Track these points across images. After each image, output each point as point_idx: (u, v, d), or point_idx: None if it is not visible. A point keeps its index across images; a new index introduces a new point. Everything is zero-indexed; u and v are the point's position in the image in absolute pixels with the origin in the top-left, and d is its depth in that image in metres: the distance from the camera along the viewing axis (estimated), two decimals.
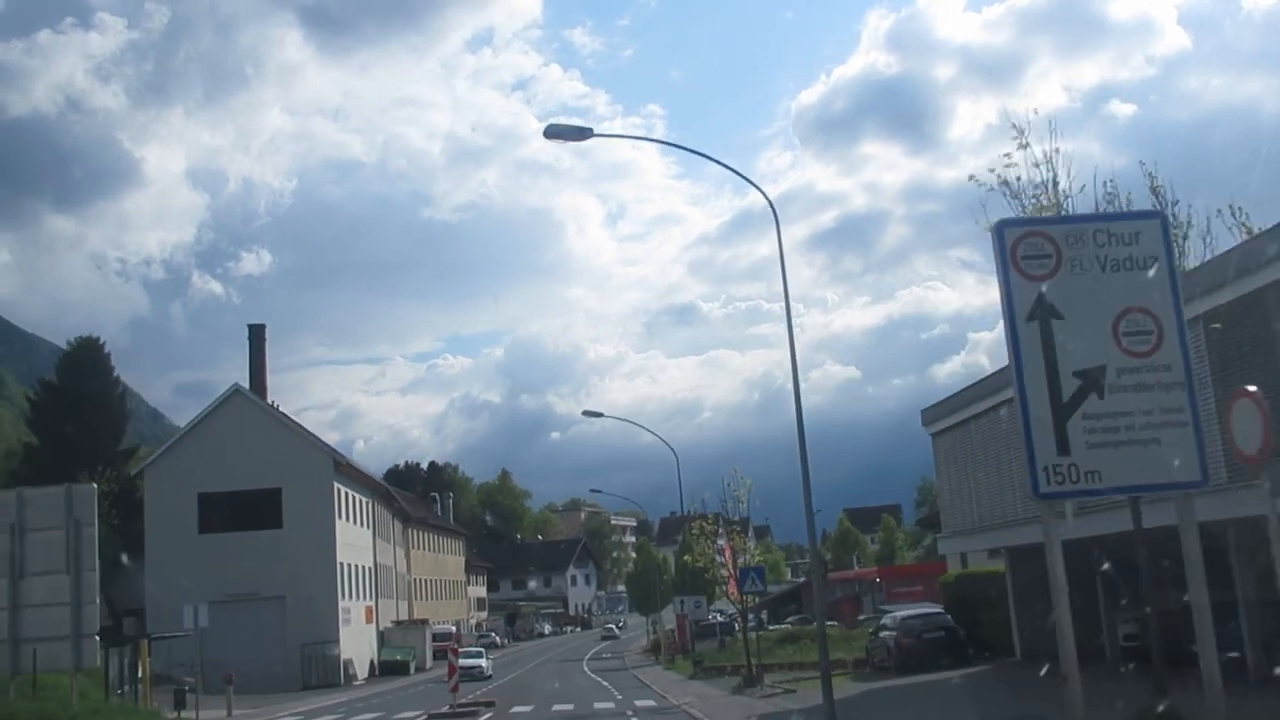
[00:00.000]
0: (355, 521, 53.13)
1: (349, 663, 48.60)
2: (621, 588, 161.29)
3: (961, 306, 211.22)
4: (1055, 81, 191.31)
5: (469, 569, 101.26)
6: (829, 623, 54.68)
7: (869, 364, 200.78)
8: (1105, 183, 16.16)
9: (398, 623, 59.60)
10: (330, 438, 66.64)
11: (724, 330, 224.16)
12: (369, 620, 54.93)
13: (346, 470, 51.14)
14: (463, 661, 34.85)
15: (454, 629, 75.11)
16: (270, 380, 53.70)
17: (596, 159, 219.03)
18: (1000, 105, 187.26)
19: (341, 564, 48.99)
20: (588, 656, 65.51)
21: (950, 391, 27.40)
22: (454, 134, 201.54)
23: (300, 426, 50.61)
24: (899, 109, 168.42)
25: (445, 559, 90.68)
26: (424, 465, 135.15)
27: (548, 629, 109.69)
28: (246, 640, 46.34)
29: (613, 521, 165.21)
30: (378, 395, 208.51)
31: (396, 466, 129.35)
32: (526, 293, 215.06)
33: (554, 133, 18.74)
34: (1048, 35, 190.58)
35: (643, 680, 39.27)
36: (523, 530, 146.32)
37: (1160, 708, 11.88)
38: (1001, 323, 10.62)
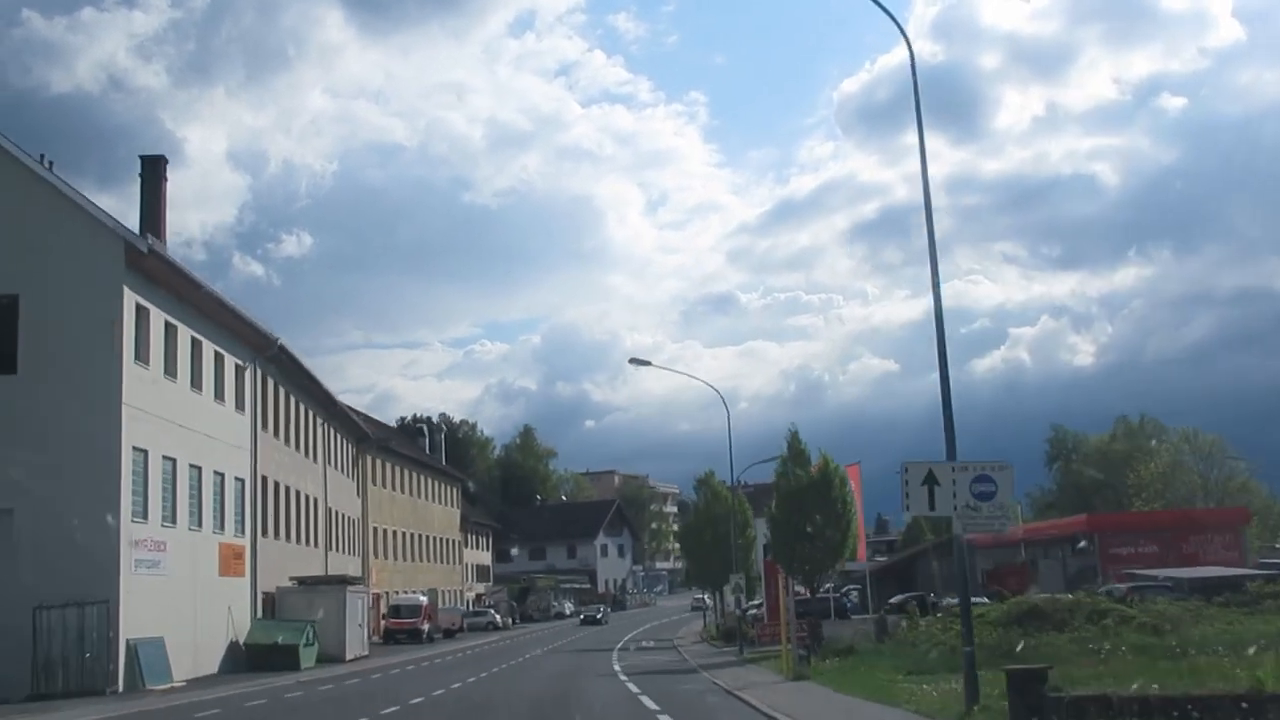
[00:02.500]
0: (193, 382, 29.08)
1: (147, 646, 24.65)
2: (661, 565, 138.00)
3: (1003, 301, 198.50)
4: (1104, 73, 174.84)
5: (467, 526, 77.66)
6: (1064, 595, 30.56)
7: (908, 357, 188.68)
8: None
9: (300, 581, 35.44)
10: None
11: (762, 321, 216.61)
12: (232, 570, 31.07)
13: (158, 270, 26.52)
14: None
15: (424, 600, 51.73)
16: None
17: (639, 146, 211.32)
18: (1047, 96, 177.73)
19: (139, 452, 25.15)
20: (619, 645, 42.22)
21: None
22: (495, 119, 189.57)
23: (65, 183, 26.09)
24: (943, 99, 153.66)
25: (429, 508, 67.14)
26: (435, 419, 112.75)
27: (569, 608, 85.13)
28: None
29: (651, 485, 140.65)
30: (415, 380, 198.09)
31: (404, 419, 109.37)
32: (565, 279, 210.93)
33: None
34: (1098, 24, 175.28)
35: None
36: (545, 492, 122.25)
37: None
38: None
